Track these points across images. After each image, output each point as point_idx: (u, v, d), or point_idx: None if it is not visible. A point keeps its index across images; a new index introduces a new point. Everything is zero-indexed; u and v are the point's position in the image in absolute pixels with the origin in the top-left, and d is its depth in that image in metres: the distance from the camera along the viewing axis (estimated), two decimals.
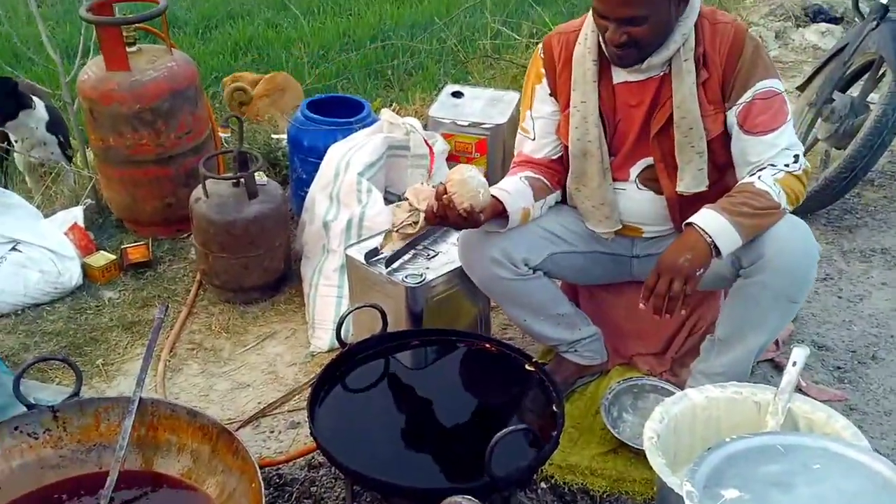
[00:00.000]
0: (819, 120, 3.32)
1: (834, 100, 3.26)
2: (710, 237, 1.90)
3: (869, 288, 2.90)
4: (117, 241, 3.17)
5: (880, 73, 3.23)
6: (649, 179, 2.16)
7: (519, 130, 2.27)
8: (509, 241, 2.15)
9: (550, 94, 2.18)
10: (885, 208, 3.38)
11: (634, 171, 2.16)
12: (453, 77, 4.80)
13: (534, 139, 2.22)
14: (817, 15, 5.29)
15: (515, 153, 2.30)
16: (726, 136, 2.07)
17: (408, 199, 2.15)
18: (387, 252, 2.31)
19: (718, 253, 1.92)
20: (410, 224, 2.19)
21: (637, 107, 2.09)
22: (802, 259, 2.01)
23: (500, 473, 1.72)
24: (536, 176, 2.20)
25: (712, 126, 2.05)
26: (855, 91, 3.39)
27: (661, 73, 2.04)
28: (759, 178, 1.97)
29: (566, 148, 2.20)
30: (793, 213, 2.03)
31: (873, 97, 3.29)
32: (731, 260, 2.04)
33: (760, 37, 4.99)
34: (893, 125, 2.99)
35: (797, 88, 3.61)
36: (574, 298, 2.50)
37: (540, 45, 2.20)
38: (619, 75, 2.09)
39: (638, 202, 2.19)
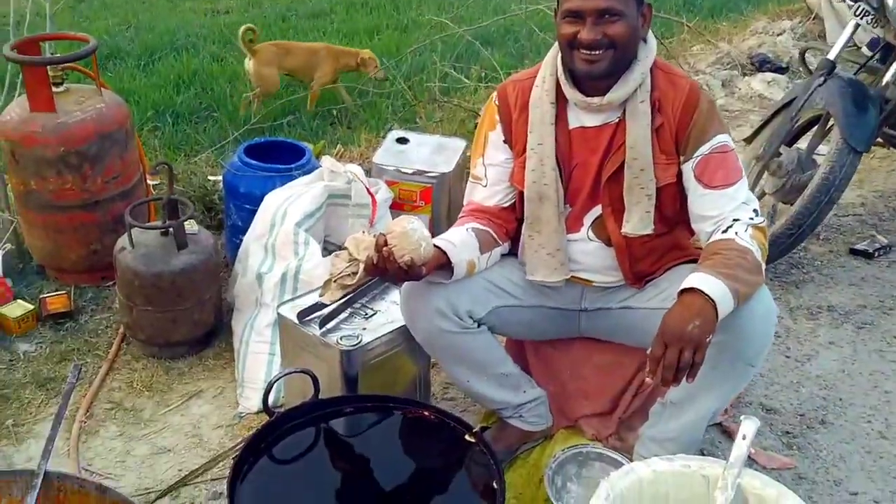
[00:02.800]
0: (766, 174, 3.30)
1: (781, 154, 3.24)
2: (714, 301, 1.79)
3: (816, 347, 2.86)
4: (37, 288, 2.99)
5: (827, 127, 3.23)
6: (600, 229, 2.11)
7: (470, 179, 2.21)
8: (453, 292, 2.06)
9: (505, 142, 2.13)
10: (832, 263, 3.37)
11: (587, 221, 2.11)
12: (401, 118, 4.73)
13: (486, 186, 2.16)
14: (763, 64, 5.35)
15: (465, 202, 2.22)
16: (678, 187, 2.04)
17: (347, 248, 2.04)
18: (327, 300, 2.18)
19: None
20: (349, 275, 2.07)
21: (592, 153, 2.05)
22: (762, 322, 1.95)
23: None
24: (484, 228, 2.13)
25: (662, 175, 2.01)
26: (802, 144, 3.38)
27: (617, 120, 2.01)
28: (736, 234, 1.92)
29: (521, 195, 2.13)
30: None
31: (821, 149, 3.29)
32: None
33: (707, 85, 5.02)
34: (840, 182, 2.98)
35: (744, 140, 3.60)
36: (520, 355, 2.41)
37: (494, 94, 2.15)
38: (576, 120, 2.05)
39: (588, 253, 2.14)
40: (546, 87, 2.05)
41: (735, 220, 1.95)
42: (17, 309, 2.80)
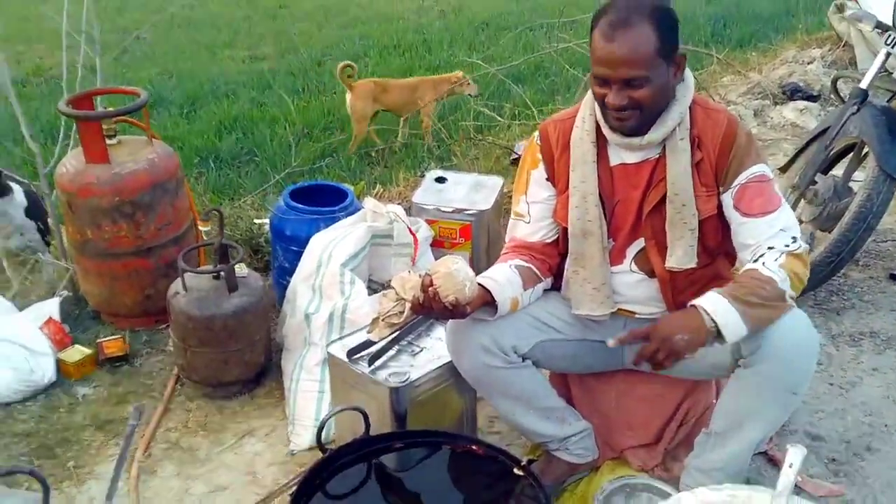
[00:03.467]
0: (802, 202, 3.32)
1: (817, 182, 3.27)
2: (715, 323, 1.87)
3: (860, 374, 2.85)
4: (93, 333, 3.09)
5: (862, 154, 3.25)
6: (643, 261, 2.14)
7: (512, 216, 2.25)
8: (497, 328, 2.11)
9: (547, 179, 2.18)
10: (872, 289, 3.36)
11: (630, 254, 2.15)
12: (437, 156, 4.82)
13: (529, 222, 2.21)
14: (794, 93, 5.38)
15: (507, 238, 2.27)
16: (719, 219, 2.07)
17: (393, 287, 2.11)
18: (375, 338, 2.24)
19: (722, 339, 1.89)
20: (396, 314, 2.13)
21: (634, 188, 2.09)
22: (804, 349, 1.98)
23: None
24: (527, 265, 2.18)
25: (704, 207, 2.05)
26: (837, 171, 3.40)
27: (657, 156, 2.06)
28: (763, 263, 1.95)
29: (564, 231, 2.18)
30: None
31: (857, 176, 3.30)
32: (731, 348, 2.01)
33: (739, 115, 5.05)
34: (878, 209, 2.99)
35: (779, 169, 3.62)
36: (564, 388, 2.45)
37: (536, 133, 2.21)
38: (616, 157, 2.10)
39: (631, 285, 2.17)
40: (586, 126, 2.09)
41: (770, 247, 1.97)
42: (76, 354, 2.90)
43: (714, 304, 1.89)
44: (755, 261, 1.97)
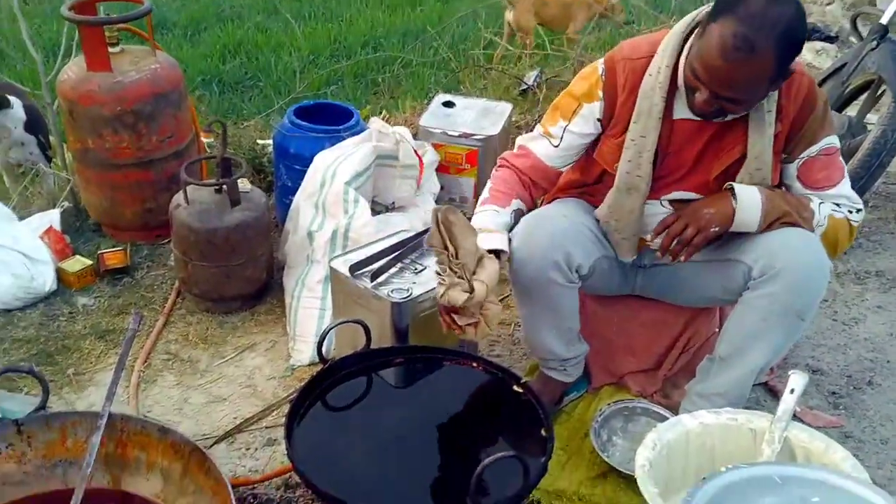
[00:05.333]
0: None
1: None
2: (737, 204, 1.96)
3: (864, 311, 2.84)
4: (94, 245, 3.07)
5: (879, 92, 3.19)
6: (679, 204, 2.09)
7: (539, 130, 2.15)
8: (570, 245, 2.04)
9: (599, 120, 2.08)
10: (880, 230, 3.33)
11: (667, 196, 2.10)
12: (444, 86, 4.74)
13: (557, 146, 2.11)
14: (812, 33, 5.27)
15: (518, 145, 2.18)
16: (780, 186, 2.06)
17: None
18: (479, 338, 2.11)
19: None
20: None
21: (692, 144, 2.02)
22: (815, 272, 1.96)
23: (485, 502, 1.64)
24: (519, 208, 2.12)
25: (775, 177, 2.02)
26: (852, 111, 3.34)
27: (729, 118, 1.97)
28: (819, 203, 2.00)
29: (584, 160, 2.14)
30: None
31: (871, 117, 3.25)
32: (743, 270, 2.01)
33: None
34: (892, 146, 2.95)
35: None
36: None
37: (601, 65, 2.06)
38: (682, 111, 1.99)
39: (657, 216, 2.11)
40: (660, 78, 1.95)
41: (836, 204, 2.03)
42: (76, 264, 2.88)
43: (744, 188, 1.96)
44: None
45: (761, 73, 1.78)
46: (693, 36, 1.92)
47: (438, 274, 1.92)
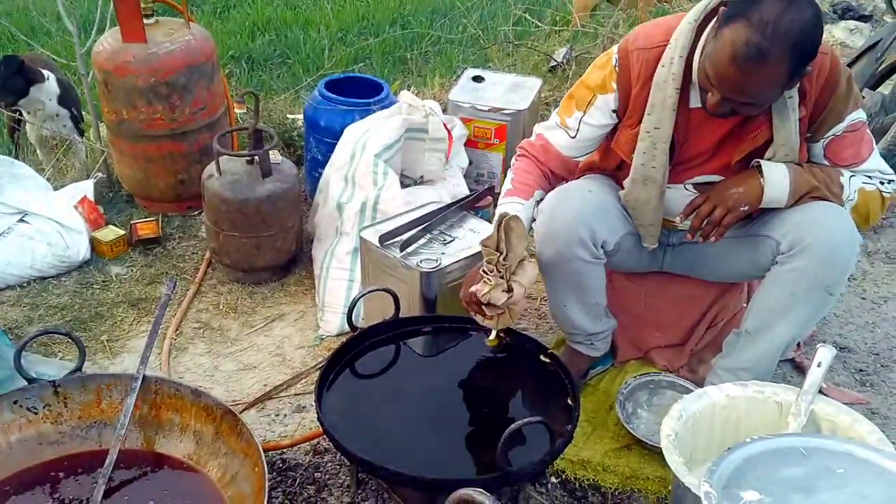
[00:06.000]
0: None
1: (864, 97, 3.17)
2: (765, 181, 1.95)
3: (894, 290, 2.82)
4: (127, 216, 3.12)
5: None
6: (703, 187, 2.08)
7: (557, 121, 2.14)
8: (596, 222, 2.05)
9: (614, 111, 2.07)
10: None
11: (690, 182, 2.09)
12: (472, 63, 4.74)
13: (573, 137, 2.11)
14: (846, 12, 5.20)
15: (536, 134, 2.18)
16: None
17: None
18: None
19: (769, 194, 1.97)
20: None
21: (710, 132, 2.01)
22: (845, 246, 1.95)
23: (511, 467, 1.66)
24: (537, 198, 2.13)
25: (801, 157, 2.01)
26: (886, 89, 3.30)
27: None
28: (849, 177, 1.99)
29: (603, 149, 2.15)
30: None
31: None
32: (772, 245, 2.01)
33: None
34: None
35: None
36: None
37: (614, 54, 2.03)
38: (697, 99, 1.96)
39: (682, 199, 2.10)
40: (674, 69, 1.92)
41: (867, 175, 2.01)
42: (110, 234, 2.93)
43: (770, 165, 1.96)
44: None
45: (773, 81, 1.77)
46: (707, 30, 1.89)
47: (485, 273, 1.95)
